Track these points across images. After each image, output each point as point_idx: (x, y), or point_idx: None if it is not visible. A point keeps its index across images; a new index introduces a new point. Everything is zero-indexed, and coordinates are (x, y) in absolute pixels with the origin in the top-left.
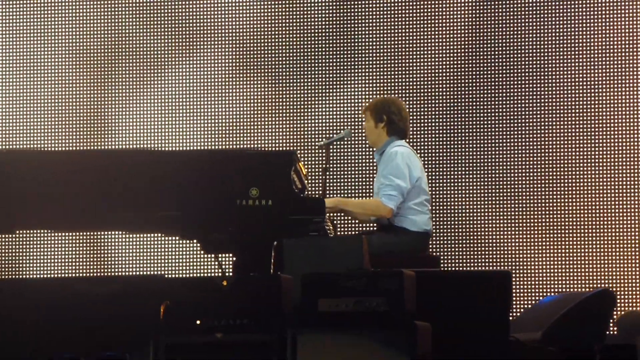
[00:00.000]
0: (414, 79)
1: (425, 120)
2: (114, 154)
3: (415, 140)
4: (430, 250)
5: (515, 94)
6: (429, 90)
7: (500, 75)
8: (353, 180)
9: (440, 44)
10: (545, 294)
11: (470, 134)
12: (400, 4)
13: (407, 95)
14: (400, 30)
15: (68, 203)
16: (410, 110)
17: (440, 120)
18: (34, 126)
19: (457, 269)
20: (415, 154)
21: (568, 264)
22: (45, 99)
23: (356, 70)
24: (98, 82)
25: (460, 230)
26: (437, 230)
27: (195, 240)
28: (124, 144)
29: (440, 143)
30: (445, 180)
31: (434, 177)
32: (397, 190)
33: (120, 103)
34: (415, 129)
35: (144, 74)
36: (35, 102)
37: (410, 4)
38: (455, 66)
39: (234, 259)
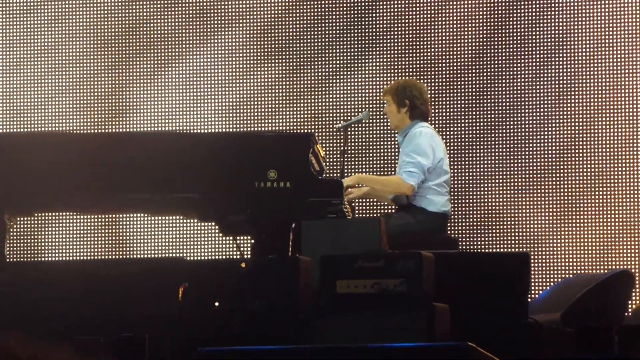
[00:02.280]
0: (433, 61)
1: (445, 102)
2: (133, 137)
3: (434, 122)
4: (449, 231)
5: (538, 74)
6: (448, 72)
7: (523, 55)
8: (371, 162)
9: (460, 24)
10: (564, 276)
11: (489, 115)
12: None
13: (426, 77)
14: (418, 11)
15: (87, 185)
16: (430, 92)
17: (459, 101)
18: (53, 109)
19: (475, 250)
20: (438, 136)
21: (587, 245)
22: (65, 82)
23: (374, 52)
24: (117, 65)
25: (478, 211)
26: (456, 212)
27: (213, 223)
28: (143, 127)
29: (460, 125)
30: (464, 162)
31: (452, 159)
32: (418, 168)
33: (138, 86)
34: (434, 111)
35: (162, 57)
36: (55, 85)
37: None
38: (475, 48)
39: (252, 241)
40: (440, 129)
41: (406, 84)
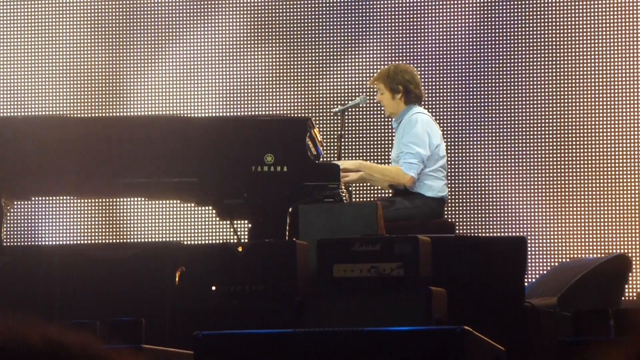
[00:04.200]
0: (430, 43)
1: (441, 86)
2: (130, 121)
3: (430, 106)
4: (446, 215)
5: (534, 61)
6: (444, 55)
7: (521, 40)
8: (368, 146)
9: (458, 6)
10: (560, 259)
11: (485, 100)
12: None
13: (423, 59)
14: None
15: (83, 169)
16: (425, 76)
17: (455, 85)
18: (50, 93)
19: (472, 234)
20: (434, 121)
21: (584, 229)
22: (61, 66)
23: (371, 35)
24: (113, 49)
25: (475, 196)
26: (453, 196)
27: (210, 207)
28: (140, 111)
29: (455, 108)
30: (460, 146)
31: (449, 143)
32: (417, 158)
33: (135, 69)
34: (430, 94)
35: (158, 40)
36: (51, 69)
37: None
38: (471, 30)
39: (249, 225)
40: (437, 113)
41: (397, 69)
